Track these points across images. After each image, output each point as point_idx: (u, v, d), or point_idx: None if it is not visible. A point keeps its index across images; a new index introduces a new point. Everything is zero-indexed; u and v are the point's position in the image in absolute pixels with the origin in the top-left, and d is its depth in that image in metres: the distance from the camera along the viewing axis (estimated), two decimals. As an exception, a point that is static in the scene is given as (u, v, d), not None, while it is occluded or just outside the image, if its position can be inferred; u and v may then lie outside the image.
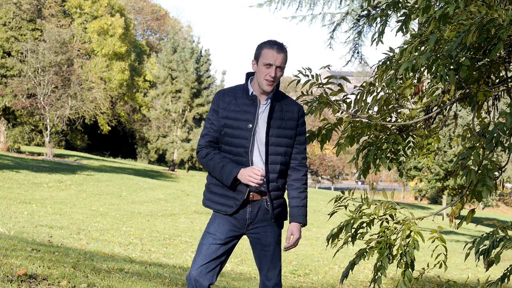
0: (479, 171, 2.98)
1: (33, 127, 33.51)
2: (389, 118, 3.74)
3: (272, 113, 2.92)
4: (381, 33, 3.86)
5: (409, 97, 3.61)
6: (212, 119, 2.96)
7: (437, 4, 3.71)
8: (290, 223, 3.00)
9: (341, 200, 3.50)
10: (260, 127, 2.91)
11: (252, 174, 2.82)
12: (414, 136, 3.85)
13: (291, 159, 3.00)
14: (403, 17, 3.62)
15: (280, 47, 2.88)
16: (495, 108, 3.74)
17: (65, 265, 4.60)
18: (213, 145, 2.97)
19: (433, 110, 3.71)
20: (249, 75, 3.01)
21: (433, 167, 24.02)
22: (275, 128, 2.92)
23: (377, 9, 8.03)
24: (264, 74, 2.87)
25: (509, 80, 3.46)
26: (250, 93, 2.94)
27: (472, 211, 3.12)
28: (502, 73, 3.56)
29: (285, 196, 3.07)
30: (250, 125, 2.89)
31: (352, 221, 3.37)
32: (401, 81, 3.53)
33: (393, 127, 3.80)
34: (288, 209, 3.05)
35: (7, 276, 3.83)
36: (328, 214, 3.66)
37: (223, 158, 2.91)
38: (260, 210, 2.95)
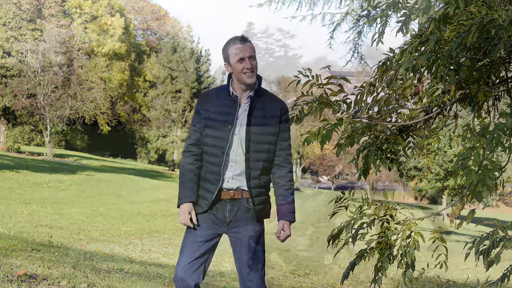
0: (479, 171, 2.97)
1: (33, 127, 33.53)
2: (389, 119, 3.74)
3: (251, 111, 2.93)
4: (381, 33, 3.87)
5: (409, 97, 3.61)
6: (195, 121, 2.99)
7: (437, 4, 3.71)
8: (278, 221, 3.00)
9: (341, 200, 3.49)
10: (241, 126, 2.92)
11: (180, 218, 2.92)
12: (414, 136, 3.85)
13: (275, 156, 3.01)
14: (403, 18, 3.62)
15: (242, 39, 2.90)
16: (495, 108, 3.74)
17: (65, 265, 4.60)
18: (193, 148, 2.98)
19: (433, 111, 3.70)
20: (231, 76, 3.02)
21: (433, 167, 24.02)
22: (256, 125, 2.93)
23: (377, 9, 8.02)
24: (240, 69, 2.88)
25: (509, 80, 3.46)
26: (231, 94, 2.96)
27: (473, 211, 3.12)
28: (502, 74, 3.56)
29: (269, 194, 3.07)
30: (229, 126, 2.91)
31: (352, 222, 3.37)
32: (401, 82, 3.53)
33: (393, 128, 3.80)
34: (269, 207, 3.06)
35: (7, 276, 3.83)
36: (329, 215, 3.66)
37: (183, 179, 2.96)
38: (240, 209, 2.95)
